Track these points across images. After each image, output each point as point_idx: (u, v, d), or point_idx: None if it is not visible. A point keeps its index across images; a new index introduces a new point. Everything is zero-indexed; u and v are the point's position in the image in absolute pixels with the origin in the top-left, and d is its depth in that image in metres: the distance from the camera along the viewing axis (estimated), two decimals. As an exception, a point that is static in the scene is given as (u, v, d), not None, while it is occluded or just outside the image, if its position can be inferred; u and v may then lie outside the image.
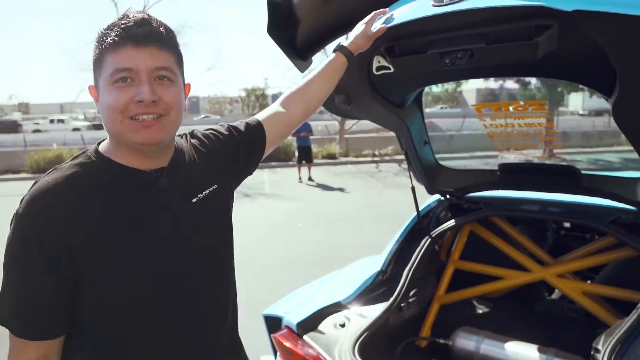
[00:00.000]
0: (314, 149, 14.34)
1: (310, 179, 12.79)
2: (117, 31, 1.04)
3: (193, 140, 1.33)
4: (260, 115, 1.51)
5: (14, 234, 1.05)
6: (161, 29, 1.09)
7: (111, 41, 1.04)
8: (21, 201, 1.07)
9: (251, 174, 1.49)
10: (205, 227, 1.23)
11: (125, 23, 1.05)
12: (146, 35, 1.06)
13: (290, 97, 1.55)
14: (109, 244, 1.07)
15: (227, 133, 1.40)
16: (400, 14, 1.57)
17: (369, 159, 16.97)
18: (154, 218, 1.13)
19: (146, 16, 1.07)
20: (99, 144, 1.17)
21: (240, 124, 1.46)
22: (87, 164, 1.11)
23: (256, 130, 1.45)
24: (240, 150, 1.40)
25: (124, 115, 1.06)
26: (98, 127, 30.53)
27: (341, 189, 11.61)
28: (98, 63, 1.08)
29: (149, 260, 1.11)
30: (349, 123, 18.21)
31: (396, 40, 1.73)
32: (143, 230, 1.11)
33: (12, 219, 1.06)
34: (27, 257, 1.03)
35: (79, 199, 1.06)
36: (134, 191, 1.12)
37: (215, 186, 1.27)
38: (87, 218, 1.05)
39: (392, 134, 2.43)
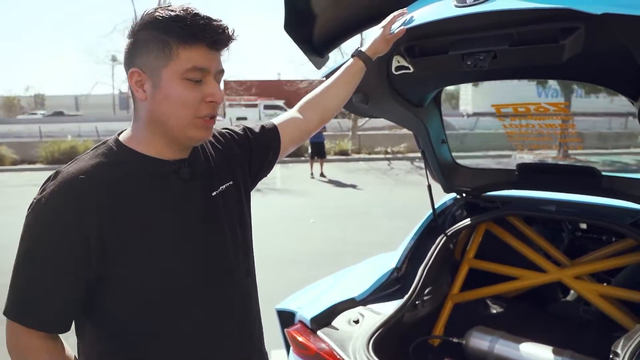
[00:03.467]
0: (327, 145, 14.35)
1: (322, 175, 12.80)
2: (197, 29, 1.06)
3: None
4: (277, 120, 1.52)
5: (37, 223, 1.05)
6: (232, 38, 1.12)
7: (190, 37, 1.05)
8: (42, 190, 1.07)
9: (265, 175, 1.50)
10: (226, 220, 1.25)
11: (205, 24, 1.06)
12: (224, 43, 1.11)
13: (308, 103, 1.55)
14: (138, 232, 1.08)
15: (242, 134, 1.42)
16: (421, 15, 1.55)
17: (382, 156, 16.95)
18: (178, 206, 1.15)
19: (223, 22, 1.10)
20: (119, 134, 1.19)
21: (256, 126, 1.47)
22: (110, 154, 1.12)
23: (271, 134, 1.47)
24: (254, 151, 1.41)
25: (193, 114, 1.10)
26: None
27: (353, 186, 11.61)
28: (162, 52, 1.06)
29: (177, 248, 1.14)
30: (362, 120, 18.19)
31: (416, 41, 1.72)
32: (169, 218, 1.13)
33: (31, 209, 1.06)
34: (51, 246, 1.04)
35: (106, 188, 1.07)
36: (158, 180, 1.14)
37: (230, 182, 1.29)
38: (115, 206, 1.06)
39: (405, 131, 2.44)
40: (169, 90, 1.08)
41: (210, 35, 1.07)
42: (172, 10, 1.06)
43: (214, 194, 1.23)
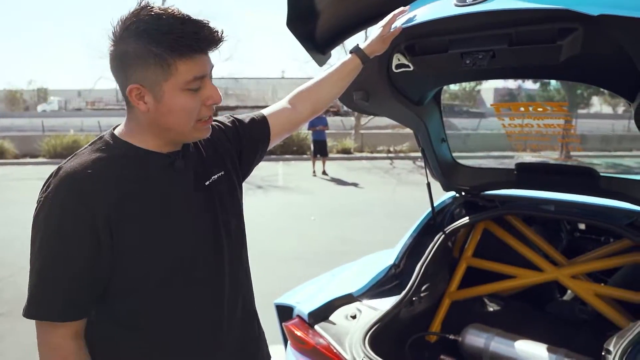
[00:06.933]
0: (329, 143, 14.36)
1: (324, 173, 12.82)
2: (191, 40, 1.06)
3: None
4: (267, 110, 1.54)
5: (45, 220, 1.07)
6: (223, 40, 1.12)
7: (187, 49, 1.06)
8: (47, 188, 1.09)
9: (256, 164, 1.53)
10: (219, 209, 1.28)
11: (197, 32, 1.06)
12: (216, 46, 1.11)
13: (300, 95, 1.57)
14: (141, 222, 1.12)
15: (231, 125, 1.44)
16: (421, 14, 1.57)
17: (384, 155, 16.94)
18: (175, 197, 1.19)
19: (213, 27, 1.09)
20: (114, 128, 1.21)
21: (245, 117, 1.50)
22: (107, 149, 1.15)
23: (260, 125, 1.49)
24: (243, 143, 1.44)
25: (196, 118, 1.14)
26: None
27: (355, 184, 11.62)
28: (160, 66, 1.06)
29: (175, 239, 1.17)
30: (365, 118, 18.19)
31: (416, 39, 1.73)
32: (167, 208, 1.16)
33: (38, 208, 1.08)
34: (63, 241, 1.06)
35: (108, 180, 1.10)
36: (155, 172, 1.17)
37: (222, 172, 1.32)
38: (119, 198, 1.09)
39: (407, 130, 2.45)
40: (172, 102, 1.10)
41: (205, 43, 1.08)
42: (157, 17, 1.04)
43: (207, 183, 1.26)
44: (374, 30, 1.61)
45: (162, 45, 1.04)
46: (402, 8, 1.62)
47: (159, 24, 1.04)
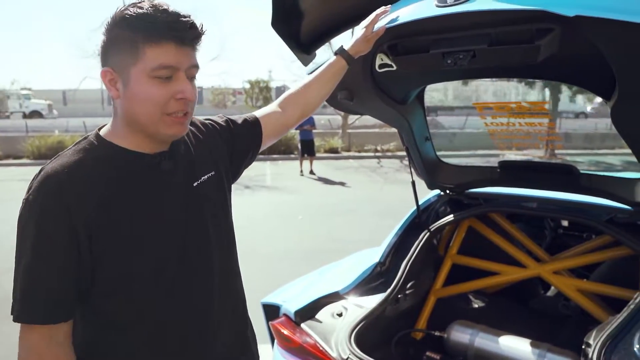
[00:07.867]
0: (317, 142, 14.36)
1: (311, 172, 12.83)
2: (163, 27, 1.06)
3: (191, 128, 1.36)
4: (258, 113, 1.56)
5: (27, 222, 1.08)
6: (203, 33, 1.13)
7: (156, 35, 1.06)
8: (30, 188, 1.10)
9: (247, 167, 1.53)
10: (207, 210, 1.28)
11: (173, 21, 1.07)
12: (193, 39, 1.11)
13: (289, 98, 1.59)
14: (124, 223, 1.12)
15: (224, 125, 1.44)
16: (403, 14, 1.59)
17: (371, 154, 16.99)
18: (160, 198, 1.18)
19: (191, 19, 1.10)
20: (99, 129, 1.21)
21: (238, 118, 1.50)
22: (91, 149, 1.15)
23: (253, 126, 1.50)
24: (235, 143, 1.44)
25: (162, 110, 1.11)
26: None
27: (342, 183, 11.65)
28: (130, 50, 1.07)
29: (160, 240, 1.17)
30: (352, 117, 18.22)
31: (399, 39, 1.75)
32: (152, 209, 1.16)
33: (21, 209, 1.09)
34: (43, 242, 1.07)
35: (90, 182, 1.10)
36: (140, 173, 1.17)
37: (212, 173, 1.32)
38: (101, 199, 1.09)
39: (394, 130, 2.47)
40: (137, 88, 1.09)
41: (178, 33, 1.08)
42: (140, 8, 1.07)
43: (195, 184, 1.26)
44: (357, 31, 1.63)
45: (135, 30, 1.06)
46: (383, 8, 1.64)
47: (138, 12, 1.06)
